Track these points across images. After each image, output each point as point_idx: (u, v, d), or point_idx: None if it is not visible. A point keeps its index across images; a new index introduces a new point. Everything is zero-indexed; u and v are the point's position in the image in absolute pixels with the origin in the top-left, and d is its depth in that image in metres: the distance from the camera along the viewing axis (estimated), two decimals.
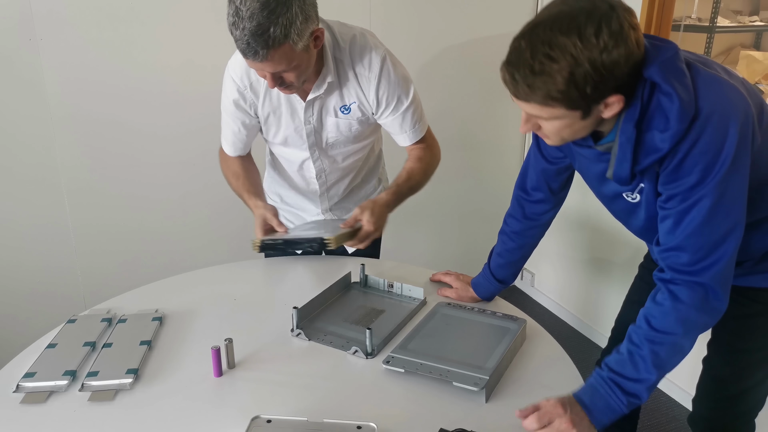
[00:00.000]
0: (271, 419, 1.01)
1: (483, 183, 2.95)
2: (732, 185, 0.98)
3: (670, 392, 2.34)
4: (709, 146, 0.96)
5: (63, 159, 2.19)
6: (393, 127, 1.55)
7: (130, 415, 1.07)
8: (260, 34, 1.20)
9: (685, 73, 0.97)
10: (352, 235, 1.43)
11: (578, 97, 0.93)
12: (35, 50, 2.05)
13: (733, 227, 1.00)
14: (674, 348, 1.04)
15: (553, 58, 0.89)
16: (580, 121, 0.98)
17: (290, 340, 1.30)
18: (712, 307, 1.04)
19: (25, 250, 2.23)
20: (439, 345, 1.24)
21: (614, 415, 1.04)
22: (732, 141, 0.95)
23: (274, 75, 1.31)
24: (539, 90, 0.93)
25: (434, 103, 2.68)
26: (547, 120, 0.99)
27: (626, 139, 0.99)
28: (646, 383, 1.03)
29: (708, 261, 1.01)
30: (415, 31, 2.55)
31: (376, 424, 1.00)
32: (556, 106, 0.95)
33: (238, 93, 1.50)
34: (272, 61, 1.26)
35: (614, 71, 0.90)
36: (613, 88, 0.93)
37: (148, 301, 1.45)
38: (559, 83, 0.91)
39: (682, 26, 2.67)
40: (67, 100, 2.13)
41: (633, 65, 0.93)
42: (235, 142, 1.61)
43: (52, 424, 1.06)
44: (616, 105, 0.96)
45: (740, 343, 1.29)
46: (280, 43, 1.23)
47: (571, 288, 2.88)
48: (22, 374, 1.16)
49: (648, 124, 0.98)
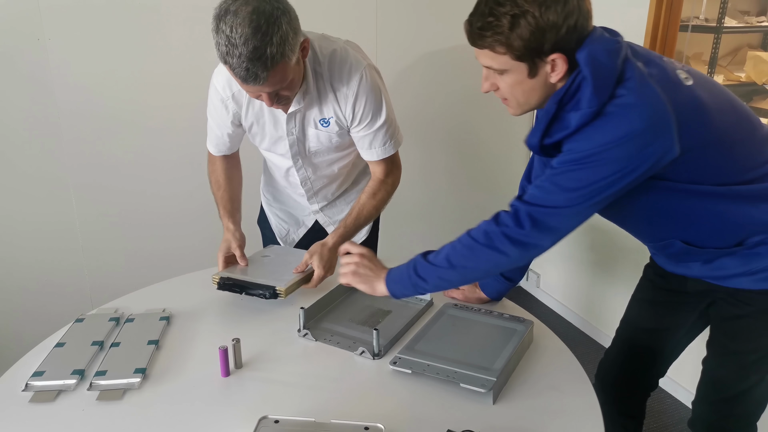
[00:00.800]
0: (278, 419, 1.01)
1: (488, 184, 2.95)
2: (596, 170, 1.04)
3: (676, 394, 2.33)
4: (598, 133, 1.03)
5: (70, 158, 2.20)
6: (363, 142, 1.55)
7: (139, 414, 1.08)
8: (258, 58, 1.20)
9: (612, 67, 1.03)
10: (306, 280, 1.47)
11: (521, 45, 1.02)
12: (43, 50, 2.06)
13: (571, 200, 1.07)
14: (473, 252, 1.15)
15: (501, 3, 1.02)
16: (528, 79, 1.07)
17: (297, 341, 1.30)
18: (513, 233, 1.11)
19: (33, 249, 2.24)
20: (446, 346, 1.24)
21: (403, 287, 1.23)
22: (616, 140, 1.01)
23: (271, 94, 1.31)
24: (488, 32, 1.03)
25: (436, 103, 2.69)
26: (500, 76, 1.09)
27: (545, 111, 1.10)
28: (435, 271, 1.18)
29: (532, 203, 1.10)
30: (420, 31, 2.55)
31: (384, 425, 1.00)
32: (503, 52, 1.04)
33: (221, 102, 1.51)
34: (271, 81, 1.26)
35: (553, 27, 1.00)
36: (552, 43, 1.02)
37: (156, 301, 1.45)
38: (504, 26, 1.01)
39: (690, 27, 2.66)
40: (75, 99, 2.14)
41: (574, 27, 1.02)
42: (218, 144, 1.63)
43: (61, 423, 1.06)
44: (561, 65, 1.04)
45: (733, 345, 1.29)
46: (277, 62, 1.22)
47: (576, 289, 2.88)
48: (31, 373, 1.17)
49: (571, 105, 1.06)
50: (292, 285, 1.42)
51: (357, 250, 1.32)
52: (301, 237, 1.83)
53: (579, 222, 1.11)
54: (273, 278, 1.44)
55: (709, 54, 2.85)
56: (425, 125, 2.70)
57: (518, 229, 1.10)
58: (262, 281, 1.42)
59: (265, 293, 1.39)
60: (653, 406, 2.29)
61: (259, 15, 1.18)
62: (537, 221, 1.09)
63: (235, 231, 1.55)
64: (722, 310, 1.29)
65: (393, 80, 2.54)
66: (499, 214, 1.14)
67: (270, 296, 1.39)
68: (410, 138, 2.60)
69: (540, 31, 1.00)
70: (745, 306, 1.23)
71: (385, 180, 1.60)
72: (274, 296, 1.39)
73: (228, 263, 1.51)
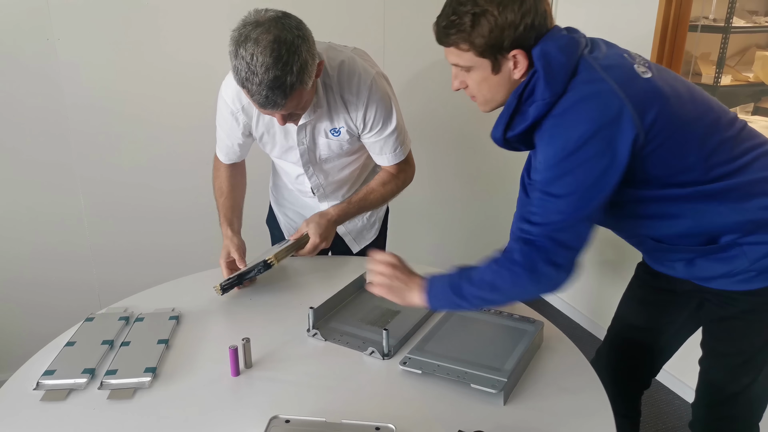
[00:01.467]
0: (289, 419, 1.01)
1: (499, 184, 2.95)
2: (573, 169, 1.07)
3: (684, 395, 2.32)
4: (557, 129, 1.08)
5: (79, 156, 2.21)
6: (374, 148, 1.57)
7: (149, 413, 1.08)
8: (278, 86, 1.21)
9: (562, 63, 1.08)
10: (298, 246, 1.49)
11: (482, 42, 1.08)
12: (52, 49, 2.06)
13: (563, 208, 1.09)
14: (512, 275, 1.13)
15: (462, 2, 1.08)
16: (492, 75, 1.13)
17: (306, 341, 1.30)
18: (549, 266, 1.10)
19: (41, 248, 2.25)
20: (456, 346, 1.23)
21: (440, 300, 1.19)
22: (581, 129, 1.05)
23: (284, 114, 1.33)
24: (451, 30, 1.10)
25: (443, 103, 2.69)
26: (467, 72, 1.15)
27: (507, 105, 1.16)
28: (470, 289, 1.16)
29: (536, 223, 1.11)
30: (426, 35, 2.55)
31: (394, 425, 1.00)
32: (467, 49, 1.10)
33: (231, 115, 1.51)
34: (288, 106, 1.28)
35: (511, 25, 1.07)
36: (511, 40, 1.08)
37: (165, 300, 1.45)
38: (466, 24, 1.08)
39: (699, 27, 2.65)
40: (83, 98, 2.15)
41: (531, 26, 1.08)
42: (228, 153, 1.63)
43: (72, 421, 1.06)
44: (522, 62, 1.10)
45: (720, 347, 1.29)
46: (295, 89, 1.24)
47: (584, 290, 2.87)
48: (42, 372, 1.17)
49: (529, 99, 1.12)
50: (281, 251, 1.45)
51: (386, 259, 1.27)
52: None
53: (591, 229, 1.14)
54: (264, 257, 1.47)
55: (717, 54, 2.84)
56: (433, 127, 2.70)
57: (561, 251, 1.11)
58: (254, 264, 1.46)
59: (260, 268, 1.43)
60: (661, 408, 2.28)
61: (280, 44, 1.19)
62: (559, 242, 1.11)
63: (233, 237, 1.57)
64: (709, 311, 1.29)
65: (401, 84, 2.55)
66: (534, 241, 1.12)
67: (264, 268, 1.42)
68: (419, 140, 2.60)
69: (499, 29, 1.07)
70: (730, 307, 1.23)
71: (397, 175, 1.62)
72: (267, 267, 1.42)
73: (231, 269, 1.52)
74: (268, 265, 1.42)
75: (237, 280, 1.45)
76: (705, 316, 1.31)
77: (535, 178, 1.15)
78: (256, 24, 1.21)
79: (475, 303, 1.18)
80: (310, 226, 1.51)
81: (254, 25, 1.21)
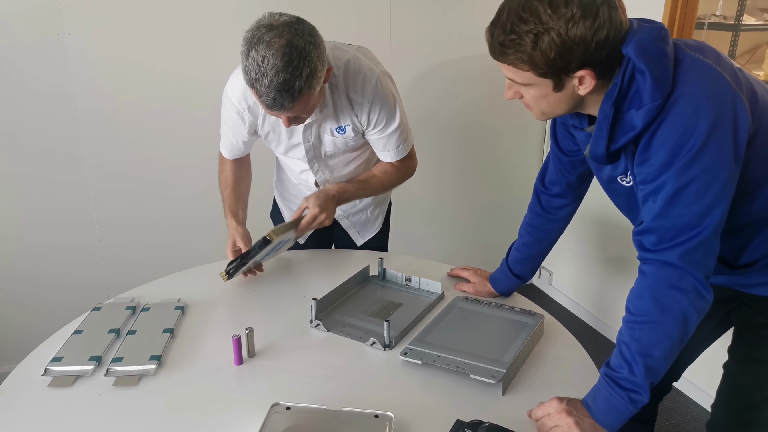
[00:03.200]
0: (290, 406, 1.03)
1: (502, 182, 2.95)
2: (704, 171, 0.95)
3: (689, 393, 2.32)
4: (676, 127, 0.95)
5: (88, 150, 2.23)
6: (377, 145, 1.58)
7: (154, 399, 1.10)
8: (287, 90, 1.23)
9: (665, 53, 0.96)
10: (297, 223, 1.50)
11: (544, 64, 0.95)
12: (63, 45, 2.09)
13: (705, 211, 0.97)
14: (654, 331, 0.99)
15: (523, 19, 0.93)
16: (554, 93, 1.00)
17: (309, 331, 1.32)
18: (687, 288, 0.99)
19: (51, 239, 2.28)
20: (457, 338, 1.25)
21: (619, 414, 1.00)
22: (703, 125, 0.93)
23: (291, 117, 1.35)
24: (509, 49, 0.96)
25: (455, 102, 2.70)
26: (524, 87, 1.02)
27: (603, 117, 1.01)
28: (638, 375, 1.00)
29: (675, 241, 0.98)
30: (438, 31, 2.55)
31: (393, 413, 1.02)
32: (526, 69, 0.97)
33: (237, 114, 1.53)
34: (295, 109, 1.30)
35: (580, 44, 0.92)
36: (579, 60, 0.94)
37: (171, 291, 1.48)
38: (527, 45, 0.94)
39: (706, 24, 2.64)
40: (93, 94, 2.17)
41: (605, 42, 0.93)
42: (233, 150, 1.65)
43: (79, 407, 1.09)
44: (589, 80, 0.97)
45: (757, 353, 1.27)
46: (303, 93, 1.26)
47: (589, 286, 2.87)
48: (50, 359, 1.20)
49: (628, 103, 0.99)
50: (279, 227, 1.45)
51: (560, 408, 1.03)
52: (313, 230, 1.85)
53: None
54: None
55: (727, 51, 2.82)
56: (438, 125, 2.71)
57: (692, 283, 0.99)
58: (254, 242, 1.47)
59: (259, 244, 1.43)
60: (666, 405, 2.28)
61: (291, 49, 1.21)
62: (698, 262, 0.99)
63: (237, 227, 1.58)
64: (747, 316, 1.27)
65: (407, 83, 2.56)
66: (645, 273, 1.02)
67: (263, 244, 1.43)
68: (424, 137, 2.61)
69: (567, 49, 0.93)
70: None
71: (399, 167, 1.63)
72: (266, 242, 1.43)
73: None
74: (267, 240, 1.42)
75: (240, 262, 1.45)
76: (740, 321, 1.29)
77: (642, 188, 1.02)
78: (270, 27, 1.23)
79: (649, 385, 1.01)
80: (309, 199, 1.51)
81: (268, 28, 1.23)
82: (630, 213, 1.21)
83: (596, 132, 1.03)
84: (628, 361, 1.00)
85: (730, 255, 1.16)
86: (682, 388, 2.34)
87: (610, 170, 1.13)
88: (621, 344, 1.03)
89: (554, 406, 1.02)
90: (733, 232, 1.08)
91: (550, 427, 1.01)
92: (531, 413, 1.05)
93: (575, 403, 1.03)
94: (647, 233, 1.02)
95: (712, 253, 1.00)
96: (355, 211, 1.80)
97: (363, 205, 1.79)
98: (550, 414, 1.02)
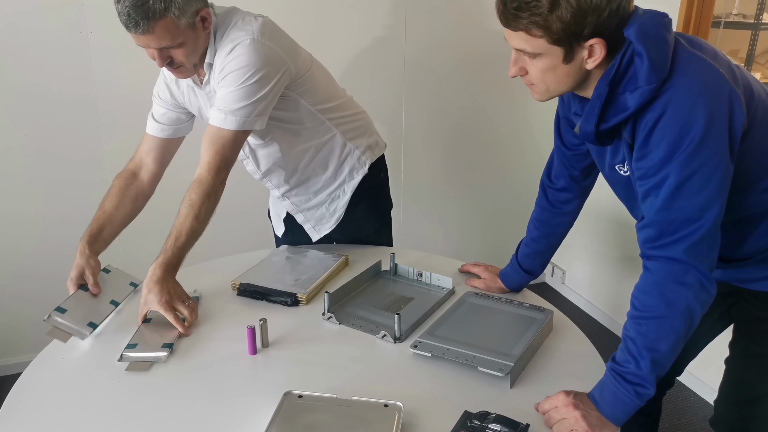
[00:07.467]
0: (302, 395, 1.06)
1: (512, 179, 2.96)
2: (704, 163, 0.96)
3: (700, 392, 2.31)
4: (675, 120, 0.96)
5: (109, 148, 2.28)
6: (214, 101, 1.45)
7: (168, 385, 1.14)
8: (140, 6, 1.25)
9: (665, 40, 0.98)
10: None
11: (559, 28, 0.95)
12: (85, 43, 2.14)
13: (706, 204, 0.98)
14: (661, 326, 1.01)
15: None
16: (562, 65, 1.01)
17: (322, 324, 1.34)
18: (692, 282, 1.00)
19: (73, 236, 2.33)
20: (466, 332, 1.26)
21: (626, 407, 1.02)
22: (701, 118, 0.95)
23: (162, 52, 1.35)
24: (524, 13, 0.96)
25: (464, 99, 2.71)
26: (532, 58, 1.02)
27: (597, 95, 1.02)
28: (644, 369, 1.01)
29: (677, 236, 1.00)
30: (447, 28, 2.57)
31: (403, 403, 1.04)
32: (539, 35, 0.98)
33: (165, 84, 1.56)
34: (155, 34, 1.30)
35: (595, 9, 0.94)
36: (592, 27, 0.95)
37: (188, 283, 1.50)
38: (544, 7, 0.94)
39: (722, 23, 2.62)
40: (115, 92, 2.22)
41: (616, 11, 0.96)
42: (160, 122, 1.62)
43: (96, 391, 1.13)
44: (599, 51, 0.98)
45: (757, 348, 1.28)
46: (160, 15, 1.27)
47: (601, 285, 2.86)
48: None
49: (624, 86, 1.00)
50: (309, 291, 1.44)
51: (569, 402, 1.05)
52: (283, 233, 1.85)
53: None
54: (291, 284, 1.47)
55: (746, 51, 2.80)
56: (452, 124, 2.72)
57: (697, 277, 1.00)
58: (280, 287, 1.44)
59: (286, 300, 1.41)
60: (677, 404, 2.27)
61: None
62: (702, 255, 1.00)
63: (90, 257, 1.45)
64: (745, 311, 1.28)
65: (420, 77, 2.57)
66: (649, 269, 1.03)
67: (291, 303, 1.41)
68: (437, 137, 2.63)
69: (582, 14, 0.94)
70: None
71: (206, 177, 1.45)
72: (296, 303, 1.42)
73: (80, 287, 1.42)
74: (297, 301, 1.42)
75: (260, 296, 1.44)
76: (740, 316, 1.30)
77: (641, 183, 1.04)
78: None
79: (654, 379, 1.02)
80: (147, 304, 1.32)
81: None
82: (628, 202, 1.22)
83: (588, 109, 1.05)
84: (635, 355, 1.02)
85: (725, 249, 1.16)
86: (693, 387, 2.34)
87: (610, 159, 1.15)
88: (627, 339, 1.05)
89: (561, 400, 1.04)
90: (728, 227, 1.08)
91: (557, 420, 1.03)
92: (538, 406, 1.07)
93: (582, 397, 1.05)
94: (649, 227, 1.03)
95: (714, 246, 1.01)
96: (309, 207, 1.74)
97: (318, 200, 1.72)
98: (557, 407, 1.04)
